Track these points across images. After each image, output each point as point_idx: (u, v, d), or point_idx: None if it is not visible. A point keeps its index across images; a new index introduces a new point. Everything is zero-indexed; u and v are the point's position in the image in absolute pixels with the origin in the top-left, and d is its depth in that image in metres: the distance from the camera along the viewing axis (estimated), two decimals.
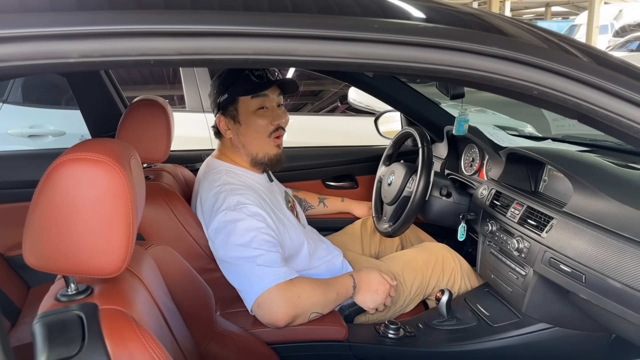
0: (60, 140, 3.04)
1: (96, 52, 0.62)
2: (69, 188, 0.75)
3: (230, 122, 1.59)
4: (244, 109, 1.57)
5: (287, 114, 1.64)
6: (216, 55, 0.65)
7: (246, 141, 1.60)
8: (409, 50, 0.70)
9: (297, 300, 1.40)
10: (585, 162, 1.55)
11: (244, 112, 1.57)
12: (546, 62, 0.73)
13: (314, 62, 0.69)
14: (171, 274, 1.16)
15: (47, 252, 0.77)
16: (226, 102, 1.57)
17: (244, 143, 1.61)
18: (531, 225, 1.53)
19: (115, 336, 0.74)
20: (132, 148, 0.91)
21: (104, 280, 0.86)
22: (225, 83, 1.57)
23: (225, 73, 1.59)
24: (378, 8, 0.76)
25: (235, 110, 1.58)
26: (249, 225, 1.44)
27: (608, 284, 1.22)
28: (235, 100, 1.56)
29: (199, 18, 0.64)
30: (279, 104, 1.62)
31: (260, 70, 1.55)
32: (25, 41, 0.61)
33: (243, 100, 1.56)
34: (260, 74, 1.55)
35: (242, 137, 1.60)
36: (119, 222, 0.78)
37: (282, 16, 0.67)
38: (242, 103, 1.56)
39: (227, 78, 1.57)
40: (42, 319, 0.78)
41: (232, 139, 1.62)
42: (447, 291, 1.59)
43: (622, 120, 0.76)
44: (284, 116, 1.62)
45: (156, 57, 0.63)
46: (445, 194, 1.92)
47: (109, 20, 0.63)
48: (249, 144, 1.60)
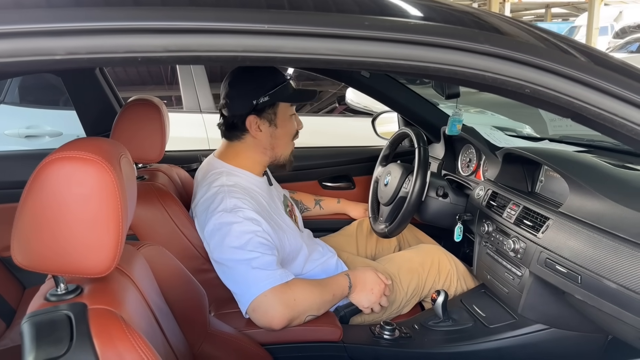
0: (57, 140, 3.03)
1: (82, 49, 0.62)
2: (58, 187, 0.75)
3: (264, 125, 1.58)
4: (283, 114, 1.60)
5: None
6: (204, 52, 0.64)
7: (277, 143, 1.62)
8: (400, 47, 0.69)
9: (293, 303, 1.40)
10: (582, 162, 1.54)
11: (282, 117, 1.60)
12: (538, 59, 0.73)
13: (303, 59, 0.68)
14: (164, 274, 1.15)
15: (35, 251, 0.76)
16: (265, 104, 1.56)
17: (275, 145, 1.62)
18: (527, 226, 1.52)
19: (104, 336, 0.74)
20: (123, 147, 0.90)
21: (94, 280, 0.85)
22: (266, 86, 1.56)
23: (263, 76, 1.57)
24: (375, 6, 0.75)
25: (274, 114, 1.58)
26: (244, 228, 1.43)
27: (603, 284, 1.22)
28: (275, 105, 1.58)
29: (187, 15, 0.64)
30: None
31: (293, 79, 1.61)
32: (11, 37, 0.60)
33: (283, 105, 1.59)
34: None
35: (274, 139, 1.61)
36: (107, 221, 0.77)
37: (271, 13, 0.67)
38: (282, 108, 1.59)
39: (266, 81, 1.56)
40: (30, 318, 0.77)
41: (260, 141, 1.60)
42: (443, 292, 1.58)
43: (615, 119, 0.75)
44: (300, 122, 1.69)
45: (143, 54, 0.63)
46: (442, 194, 1.91)
47: (96, 17, 0.62)
48: (278, 146, 1.63)
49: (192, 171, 1.98)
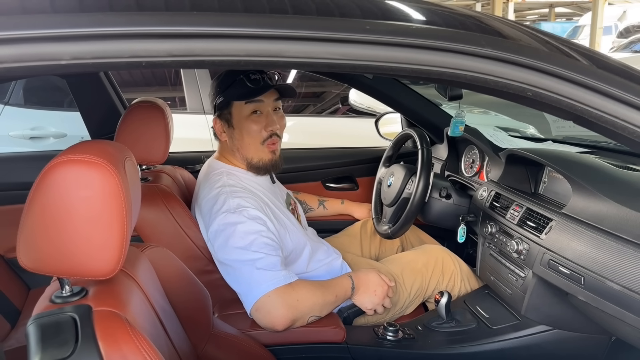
0: (61, 142, 3.04)
1: (88, 54, 0.62)
2: (63, 190, 0.75)
3: (224, 125, 1.58)
4: (238, 114, 1.54)
5: (283, 118, 1.61)
6: (208, 56, 0.65)
7: (240, 145, 1.58)
8: (401, 51, 0.70)
9: (295, 304, 1.40)
10: (585, 163, 1.54)
11: (237, 117, 1.54)
12: (540, 63, 0.73)
13: (306, 63, 0.69)
14: (168, 276, 1.16)
15: (41, 253, 0.77)
16: (221, 105, 1.56)
17: (238, 147, 1.58)
18: (530, 227, 1.52)
19: (109, 338, 0.74)
20: (127, 150, 0.91)
21: (99, 282, 0.86)
22: (221, 85, 1.55)
23: (224, 75, 1.57)
24: (377, 10, 0.76)
25: (229, 114, 1.55)
26: (248, 228, 1.44)
27: (607, 286, 1.22)
28: (230, 104, 1.54)
29: (191, 20, 0.64)
30: (276, 108, 1.58)
31: (256, 74, 1.51)
32: (17, 43, 0.61)
33: (237, 104, 1.53)
34: (256, 78, 1.51)
35: (235, 141, 1.58)
36: (112, 223, 0.78)
37: (274, 17, 0.67)
38: (236, 107, 1.54)
39: (224, 80, 1.55)
40: (36, 320, 0.78)
41: (226, 142, 1.61)
42: (447, 293, 1.58)
43: (616, 122, 0.75)
44: (280, 121, 1.58)
45: (148, 59, 0.64)
46: (445, 195, 1.91)
47: (101, 22, 0.63)
48: (242, 149, 1.58)
49: (195, 172, 1.98)
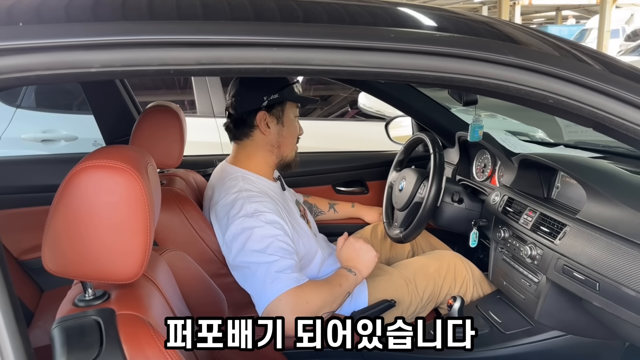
0: (72, 144, 3.07)
1: (117, 62, 0.63)
2: (88, 195, 0.76)
3: (273, 122, 1.63)
4: (289, 113, 1.65)
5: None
6: (234, 65, 0.66)
7: (283, 142, 1.67)
8: (425, 59, 0.70)
9: (305, 307, 1.41)
10: (599, 168, 1.54)
11: (289, 116, 1.65)
12: (561, 70, 0.73)
13: (330, 71, 0.70)
14: (185, 279, 1.17)
15: (66, 258, 0.78)
16: (274, 101, 1.61)
17: (281, 143, 1.66)
18: (544, 232, 1.52)
19: (133, 342, 0.75)
20: (148, 155, 0.92)
21: (121, 286, 0.87)
22: (276, 85, 1.61)
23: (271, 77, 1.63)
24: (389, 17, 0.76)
25: (281, 112, 1.64)
26: (266, 232, 1.46)
27: (622, 291, 1.22)
28: (284, 103, 1.63)
29: (219, 28, 0.65)
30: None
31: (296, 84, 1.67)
32: (49, 51, 0.62)
33: (290, 105, 1.65)
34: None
35: (281, 137, 1.66)
36: (136, 228, 0.79)
37: (299, 26, 0.68)
38: (289, 107, 1.65)
39: (274, 82, 1.62)
40: (60, 323, 0.79)
41: (268, 138, 1.64)
42: (459, 298, 1.58)
43: (638, 129, 0.75)
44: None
45: (176, 67, 0.64)
46: (457, 200, 1.91)
47: (130, 30, 0.64)
48: (284, 145, 1.67)
49: (207, 176, 1.99)
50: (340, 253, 1.65)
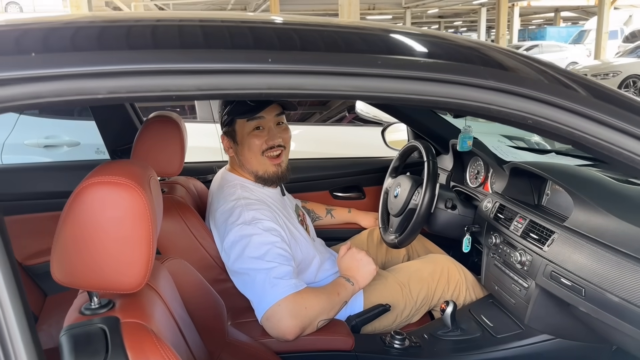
0: (75, 150, 3.11)
1: (123, 89, 0.68)
2: (94, 210, 0.81)
3: (230, 142, 1.68)
4: (241, 131, 1.64)
5: (287, 131, 1.69)
6: (232, 90, 0.70)
7: (244, 160, 1.67)
8: (411, 83, 0.75)
9: (304, 312, 1.45)
10: (586, 177, 1.59)
11: (241, 133, 1.64)
12: (539, 94, 0.78)
13: (322, 94, 0.75)
14: (185, 286, 1.21)
15: (73, 269, 0.83)
16: (227, 122, 1.65)
17: (243, 162, 1.68)
18: (533, 239, 1.57)
19: (137, 349, 0.80)
20: (150, 168, 0.97)
21: (125, 295, 0.91)
22: (226, 104, 1.65)
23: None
24: (383, 44, 0.81)
25: (233, 131, 1.65)
26: (264, 239, 1.50)
27: (607, 297, 1.26)
28: (233, 122, 1.64)
29: (217, 57, 0.70)
30: (278, 122, 1.66)
31: None
32: (59, 80, 0.66)
33: (240, 122, 1.63)
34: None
35: (240, 156, 1.67)
36: (140, 241, 0.83)
37: (293, 54, 0.73)
38: (239, 125, 1.63)
39: (227, 100, 1.64)
40: (68, 331, 0.83)
41: (233, 158, 1.70)
42: (452, 302, 1.63)
43: (612, 148, 0.80)
44: (284, 134, 1.66)
45: (178, 93, 0.69)
46: (451, 206, 1.96)
47: (134, 59, 0.68)
48: (247, 163, 1.67)
49: (207, 182, 2.04)
50: (341, 261, 1.66)
